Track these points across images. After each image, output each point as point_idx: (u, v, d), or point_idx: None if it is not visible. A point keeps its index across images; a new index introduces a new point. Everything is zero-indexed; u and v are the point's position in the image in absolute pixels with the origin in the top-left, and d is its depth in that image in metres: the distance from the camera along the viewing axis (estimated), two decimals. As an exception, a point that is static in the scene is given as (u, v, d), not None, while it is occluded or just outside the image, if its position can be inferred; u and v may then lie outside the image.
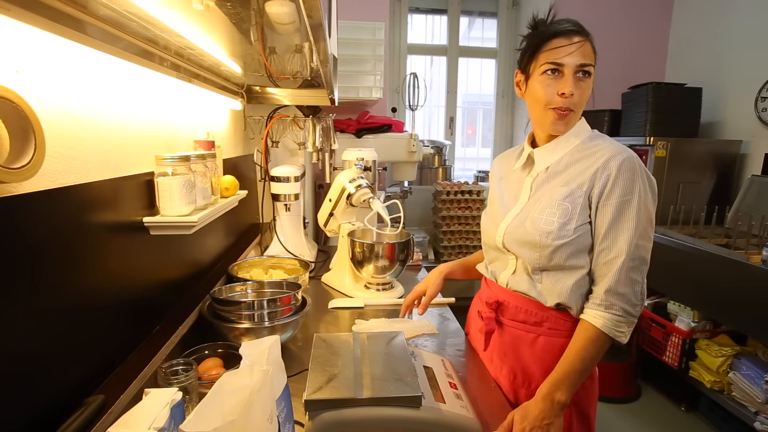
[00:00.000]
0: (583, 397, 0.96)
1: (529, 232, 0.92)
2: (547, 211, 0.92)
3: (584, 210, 0.90)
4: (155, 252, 0.92)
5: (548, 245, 0.90)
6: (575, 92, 0.89)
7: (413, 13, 3.31)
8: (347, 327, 1.25)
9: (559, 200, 0.91)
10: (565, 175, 0.94)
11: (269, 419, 0.57)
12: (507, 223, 0.99)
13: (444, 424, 0.73)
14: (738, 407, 1.94)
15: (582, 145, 0.95)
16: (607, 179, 0.88)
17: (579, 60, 0.88)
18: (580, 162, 0.93)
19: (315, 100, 1.70)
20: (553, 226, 0.90)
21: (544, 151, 0.98)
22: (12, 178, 0.49)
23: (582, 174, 0.91)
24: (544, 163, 0.98)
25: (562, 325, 0.93)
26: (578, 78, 0.89)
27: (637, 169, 0.87)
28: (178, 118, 1.07)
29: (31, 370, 0.56)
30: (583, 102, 0.92)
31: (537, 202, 0.95)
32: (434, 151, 3.07)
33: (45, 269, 0.58)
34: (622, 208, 0.87)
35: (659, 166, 2.44)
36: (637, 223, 0.86)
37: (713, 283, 2.03)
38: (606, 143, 0.93)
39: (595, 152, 0.92)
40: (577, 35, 0.89)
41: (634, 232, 0.86)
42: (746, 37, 2.53)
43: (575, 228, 0.89)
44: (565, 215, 0.90)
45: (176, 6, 0.66)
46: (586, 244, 0.91)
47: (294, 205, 1.72)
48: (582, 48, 0.88)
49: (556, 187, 0.93)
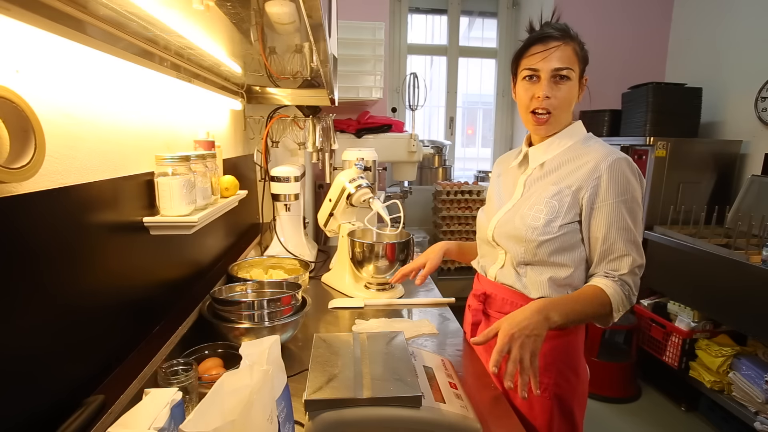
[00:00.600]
0: (567, 390, 0.97)
1: (517, 227, 0.96)
2: (535, 208, 0.96)
3: (571, 209, 0.93)
4: (155, 252, 0.92)
5: (533, 240, 0.93)
6: (551, 95, 0.93)
7: (413, 13, 3.31)
8: (347, 327, 1.25)
9: (548, 198, 0.95)
10: (556, 174, 0.97)
11: (269, 419, 0.57)
12: (498, 218, 1.02)
13: (444, 424, 0.73)
14: (738, 407, 1.94)
15: (575, 146, 0.98)
16: (598, 181, 0.91)
17: (554, 65, 0.92)
18: (570, 162, 0.96)
19: (315, 100, 1.70)
20: (539, 222, 0.94)
21: (538, 150, 1.02)
22: (12, 178, 0.49)
23: (572, 174, 0.95)
24: (537, 161, 1.02)
25: None
26: (555, 82, 0.93)
27: (627, 170, 0.91)
28: (178, 118, 1.07)
29: (31, 370, 0.56)
30: (564, 104, 0.95)
31: (528, 198, 0.99)
32: (434, 151, 3.07)
33: (45, 269, 0.58)
34: (618, 209, 0.90)
35: (659, 166, 2.44)
36: (633, 221, 0.91)
37: (713, 283, 2.03)
38: (598, 146, 0.96)
39: (586, 153, 0.95)
40: (555, 40, 0.92)
41: (635, 230, 0.91)
42: (746, 37, 2.53)
43: (560, 226, 0.93)
44: (551, 212, 0.93)
45: (176, 6, 0.67)
46: (572, 242, 0.94)
47: (294, 205, 1.72)
48: (558, 52, 0.92)
49: (546, 186, 0.97)
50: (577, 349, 1.00)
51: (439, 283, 1.72)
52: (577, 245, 0.95)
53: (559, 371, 0.97)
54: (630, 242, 0.91)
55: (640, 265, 0.92)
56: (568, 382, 0.97)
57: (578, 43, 0.95)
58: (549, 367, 0.96)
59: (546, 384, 0.96)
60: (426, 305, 1.42)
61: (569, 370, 0.98)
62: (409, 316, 1.34)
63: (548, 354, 0.96)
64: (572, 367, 0.99)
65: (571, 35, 0.94)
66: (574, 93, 0.96)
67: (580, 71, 0.95)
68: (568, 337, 0.98)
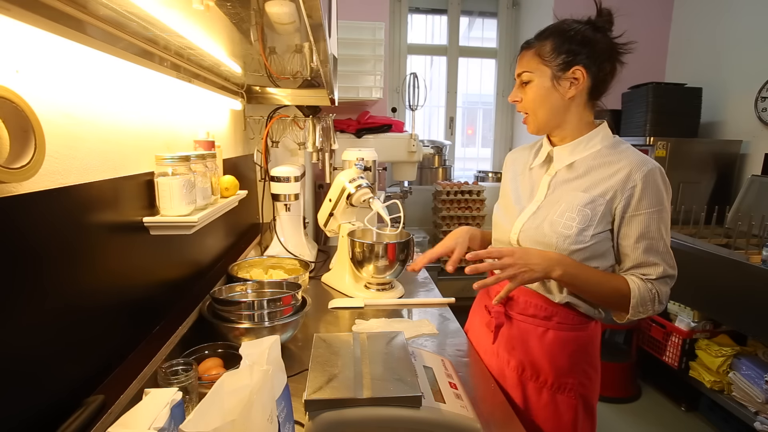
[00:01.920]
0: (590, 388, 0.98)
1: (547, 234, 0.94)
2: (566, 215, 0.93)
3: (604, 218, 0.92)
4: (155, 252, 0.92)
5: (564, 249, 0.91)
6: (519, 98, 0.98)
7: (413, 13, 3.31)
8: (347, 327, 1.25)
9: (580, 206, 0.92)
10: (586, 179, 0.95)
11: (269, 419, 0.57)
12: (523, 221, 0.99)
13: (444, 424, 0.73)
14: (738, 407, 1.94)
15: (605, 151, 0.96)
16: (632, 191, 0.90)
17: (518, 70, 0.98)
18: (602, 168, 0.94)
19: (315, 100, 1.70)
20: (572, 231, 0.91)
21: (564, 150, 0.99)
22: (12, 178, 0.49)
23: (605, 182, 0.92)
24: (562, 161, 0.99)
25: (571, 319, 0.96)
26: (521, 86, 0.98)
27: (660, 181, 0.90)
28: (178, 118, 1.07)
29: (31, 370, 0.56)
30: (533, 105, 0.96)
31: (555, 203, 0.96)
32: (434, 151, 3.07)
33: (45, 269, 0.58)
34: (651, 220, 0.90)
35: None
36: (665, 232, 0.91)
37: (713, 283, 2.03)
38: (630, 152, 0.94)
39: (619, 160, 0.93)
40: (526, 47, 0.97)
41: (666, 241, 0.91)
42: (746, 37, 2.53)
43: (593, 235, 0.91)
44: (584, 221, 0.91)
45: (176, 6, 0.66)
46: (602, 250, 0.93)
47: (294, 205, 1.72)
48: (523, 59, 0.97)
49: (575, 192, 0.94)
50: (595, 346, 1.01)
51: (439, 283, 1.72)
52: (608, 253, 0.94)
53: (583, 371, 0.97)
54: (662, 253, 0.91)
55: (672, 275, 0.92)
56: (590, 380, 0.98)
57: (554, 40, 0.92)
58: (574, 367, 0.96)
59: (571, 384, 0.96)
60: (426, 305, 1.42)
61: (591, 368, 0.99)
62: (409, 316, 1.34)
63: (573, 355, 0.96)
64: (594, 366, 1.00)
65: (544, 35, 0.94)
66: (542, 93, 0.94)
67: (554, 69, 0.92)
68: (587, 331, 0.98)
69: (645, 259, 0.91)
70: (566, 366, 0.96)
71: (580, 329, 0.97)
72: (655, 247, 0.90)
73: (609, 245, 0.94)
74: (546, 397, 0.98)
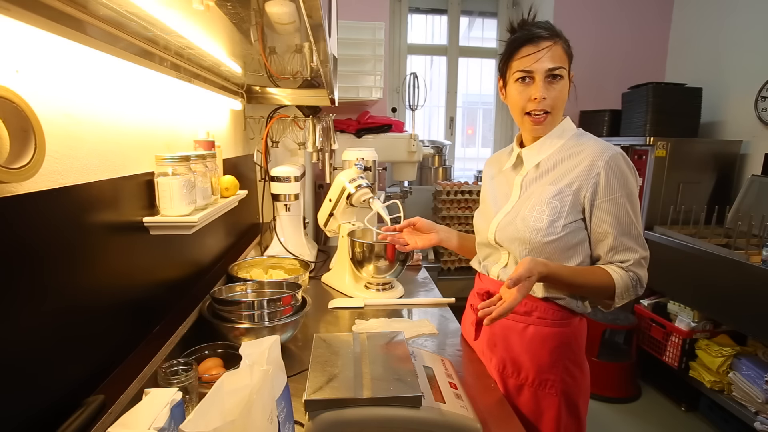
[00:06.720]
0: (572, 386, 0.98)
1: (520, 229, 0.96)
2: (536, 209, 0.95)
3: (573, 208, 0.94)
4: (155, 252, 0.92)
5: (538, 242, 0.94)
6: (547, 96, 0.93)
7: (413, 13, 3.31)
8: (347, 327, 1.25)
9: (549, 198, 0.95)
10: (554, 173, 0.97)
11: (269, 419, 0.57)
12: (498, 220, 1.02)
13: (444, 424, 0.73)
14: (738, 407, 1.94)
15: (568, 143, 0.98)
16: (597, 178, 0.92)
17: (547, 65, 0.91)
18: (567, 160, 0.97)
19: (315, 100, 1.70)
20: (543, 224, 0.94)
21: (531, 150, 1.02)
22: (12, 178, 0.49)
23: (570, 172, 0.95)
24: (531, 161, 1.01)
25: (551, 314, 0.97)
26: (549, 82, 0.93)
27: (623, 165, 0.92)
28: (178, 118, 1.07)
29: (31, 370, 0.56)
30: (559, 103, 0.96)
31: (527, 200, 0.99)
32: (434, 151, 3.06)
33: (45, 269, 0.58)
34: (620, 204, 0.91)
35: (659, 166, 2.44)
36: (635, 214, 0.93)
37: (713, 283, 2.03)
38: (591, 141, 0.97)
39: (582, 151, 0.95)
40: (545, 40, 0.92)
41: (636, 223, 0.93)
42: (746, 37, 2.53)
43: (564, 225, 0.93)
44: (554, 213, 0.94)
45: (176, 6, 0.66)
46: (575, 241, 0.95)
47: (294, 205, 1.72)
48: (550, 52, 0.92)
49: (545, 186, 0.97)
50: (580, 344, 1.01)
51: (439, 283, 1.72)
52: (582, 243, 0.95)
53: (565, 368, 0.97)
54: (633, 235, 0.93)
55: (645, 257, 0.94)
56: (574, 378, 0.98)
57: (564, 40, 0.95)
58: (556, 363, 0.97)
59: (553, 381, 0.97)
60: (426, 305, 1.42)
61: (574, 366, 0.99)
62: (409, 316, 1.34)
63: (554, 351, 0.97)
64: (577, 363, 1.00)
65: (557, 33, 0.94)
66: (566, 92, 0.96)
67: (568, 68, 0.96)
68: (570, 328, 0.98)
69: (619, 243, 0.92)
70: (547, 362, 0.97)
71: (563, 325, 0.97)
72: (627, 230, 0.92)
73: (582, 235, 0.95)
74: (527, 394, 0.99)
